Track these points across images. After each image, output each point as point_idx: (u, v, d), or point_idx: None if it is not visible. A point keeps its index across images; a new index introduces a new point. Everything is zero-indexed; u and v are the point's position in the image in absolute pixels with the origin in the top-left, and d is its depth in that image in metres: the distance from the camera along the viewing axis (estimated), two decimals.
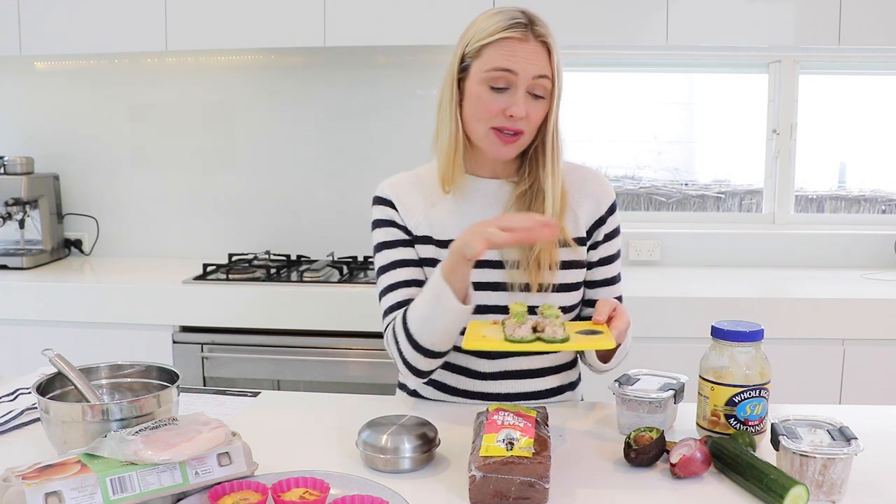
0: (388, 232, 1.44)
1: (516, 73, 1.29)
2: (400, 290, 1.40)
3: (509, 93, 1.31)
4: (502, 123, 1.32)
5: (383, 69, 2.88)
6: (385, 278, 1.42)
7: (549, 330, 1.13)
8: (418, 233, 1.42)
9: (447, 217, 1.41)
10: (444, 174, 1.39)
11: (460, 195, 1.41)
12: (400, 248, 1.43)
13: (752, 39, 2.54)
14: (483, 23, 1.33)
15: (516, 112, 1.30)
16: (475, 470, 1.02)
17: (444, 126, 1.38)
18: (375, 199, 1.47)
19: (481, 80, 1.32)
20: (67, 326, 2.48)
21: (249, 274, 2.59)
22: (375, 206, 1.47)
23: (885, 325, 2.29)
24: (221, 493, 0.99)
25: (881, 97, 2.93)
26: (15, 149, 3.01)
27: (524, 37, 1.29)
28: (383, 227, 1.45)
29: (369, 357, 2.39)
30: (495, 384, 1.42)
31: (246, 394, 1.48)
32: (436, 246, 1.41)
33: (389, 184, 1.47)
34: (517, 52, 1.29)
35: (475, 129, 1.35)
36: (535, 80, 1.30)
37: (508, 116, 1.31)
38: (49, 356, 1.16)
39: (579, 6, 2.45)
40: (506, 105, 1.31)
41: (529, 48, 1.30)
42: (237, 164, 2.98)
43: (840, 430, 1.09)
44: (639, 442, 1.15)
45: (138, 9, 2.61)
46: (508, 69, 1.29)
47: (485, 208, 1.40)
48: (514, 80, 1.30)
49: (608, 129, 2.98)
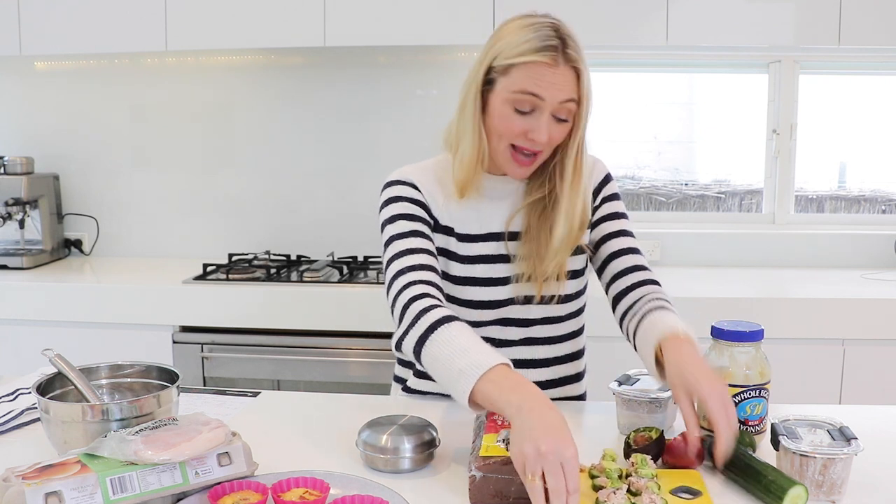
0: (409, 207, 1.38)
1: (543, 99, 1.27)
2: (419, 255, 1.32)
3: (534, 116, 1.28)
4: (522, 144, 1.30)
5: (383, 69, 2.88)
6: (399, 244, 1.33)
7: (647, 497, 0.99)
8: (442, 222, 1.40)
9: (465, 212, 1.40)
10: (462, 183, 1.37)
11: (476, 191, 1.39)
12: (417, 222, 1.37)
13: (752, 39, 2.54)
14: (514, 37, 1.28)
15: (538, 137, 1.28)
16: (475, 470, 1.02)
17: (465, 136, 1.35)
18: (393, 182, 1.41)
19: (506, 99, 1.29)
20: (67, 326, 2.48)
21: (249, 274, 2.59)
22: (393, 187, 1.40)
23: (885, 325, 2.29)
24: (221, 493, 0.99)
25: (881, 97, 2.93)
26: (15, 149, 3.01)
27: (554, 62, 1.25)
28: (403, 202, 1.38)
29: (369, 357, 2.39)
30: None
31: (246, 394, 1.48)
32: (457, 240, 1.40)
33: (410, 172, 1.42)
34: (545, 77, 1.25)
35: (494, 143, 1.33)
36: (561, 105, 1.28)
37: (529, 139, 1.29)
38: (49, 356, 1.16)
39: (579, 6, 2.46)
40: (529, 128, 1.29)
41: (559, 73, 1.26)
42: (237, 164, 2.98)
43: (840, 430, 1.08)
44: (639, 442, 1.15)
45: (138, 9, 2.61)
46: (535, 94, 1.27)
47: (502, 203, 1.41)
48: (539, 105, 1.27)
49: (608, 129, 2.98)
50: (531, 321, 1.42)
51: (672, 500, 1.00)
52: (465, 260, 1.39)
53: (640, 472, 1.04)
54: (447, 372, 1.14)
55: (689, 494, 1.02)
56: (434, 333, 1.19)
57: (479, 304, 1.39)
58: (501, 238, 1.40)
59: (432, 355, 1.18)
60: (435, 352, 1.18)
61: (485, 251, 1.40)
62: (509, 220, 1.41)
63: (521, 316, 1.42)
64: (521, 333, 1.43)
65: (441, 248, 1.40)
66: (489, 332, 1.42)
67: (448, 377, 1.14)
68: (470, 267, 1.39)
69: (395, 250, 1.33)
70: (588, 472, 1.07)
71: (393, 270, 1.31)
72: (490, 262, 1.39)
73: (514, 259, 1.39)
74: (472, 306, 1.39)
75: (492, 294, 1.39)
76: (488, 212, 1.41)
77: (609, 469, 1.05)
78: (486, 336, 1.41)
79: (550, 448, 0.97)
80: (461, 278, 1.39)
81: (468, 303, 1.39)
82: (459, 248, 1.40)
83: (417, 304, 1.24)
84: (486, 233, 1.41)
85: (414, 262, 1.30)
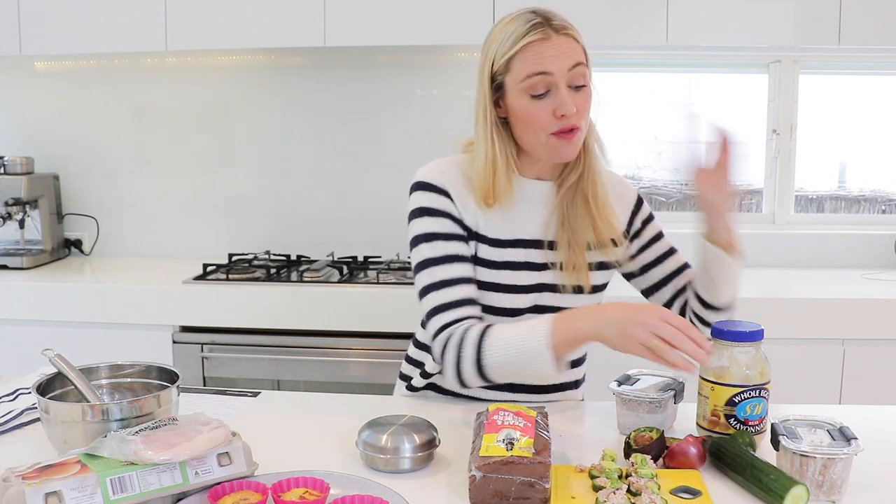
0: (442, 223, 1.35)
1: (552, 73, 1.27)
2: (458, 288, 1.32)
3: (552, 94, 1.28)
4: (558, 126, 1.29)
5: (383, 69, 2.88)
6: (437, 272, 1.32)
7: (647, 497, 0.98)
8: (475, 229, 1.37)
9: (497, 217, 1.38)
10: (484, 193, 1.35)
11: (509, 196, 1.37)
12: (455, 241, 1.35)
13: (752, 39, 2.54)
14: (501, 34, 1.30)
15: (566, 110, 1.27)
16: (475, 470, 1.02)
17: (480, 148, 1.35)
18: (424, 186, 1.36)
19: (520, 91, 1.29)
20: (67, 326, 2.48)
21: (249, 274, 2.59)
22: (425, 193, 1.36)
23: (885, 325, 2.29)
24: (221, 493, 0.99)
25: (881, 97, 2.93)
26: (15, 149, 3.01)
27: (546, 35, 1.26)
28: (435, 216, 1.35)
29: (369, 357, 2.39)
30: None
31: (246, 394, 1.48)
32: (488, 245, 1.37)
33: (439, 171, 1.37)
34: (545, 53, 1.26)
35: (533, 140, 1.32)
36: (573, 71, 1.28)
37: (560, 117, 1.28)
38: (49, 356, 1.16)
39: (579, 6, 2.45)
40: (553, 107, 1.28)
41: (555, 44, 1.27)
42: (237, 164, 2.98)
43: (840, 430, 1.09)
44: (639, 442, 1.15)
45: (138, 9, 2.61)
46: (543, 72, 1.27)
47: (532, 210, 1.39)
48: (552, 81, 1.27)
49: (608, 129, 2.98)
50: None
51: (672, 500, 1.00)
52: (491, 265, 1.37)
53: (640, 472, 1.04)
54: (522, 364, 1.22)
55: (689, 494, 1.02)
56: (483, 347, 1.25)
57: (499, 310, 1.37)
58: (531, 245, 1.39)
59: (495, 364, 1.25)
60: (496, 360, 1.24)
61: (512, 258, 1.38)
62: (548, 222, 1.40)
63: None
64: None
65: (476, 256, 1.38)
66: None
67: (526, 366, 1.22)
68: (495, 273, 1.37)
69: (429, 280, 1.33)
70: (588, 472, 1.07)
71: (430, 304, 1.32)
72: (515, 269, 1.37)
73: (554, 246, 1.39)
74: (492, 312, 1.37)
75: (513, 301, 1.37)
76: (520, 217, 1.38)
77: (609, 469, 1.04)
78: None
79: (645, 317, 1.12)
80: (485, 283, 1.37)
81: (488, 308, 1.37)
82: (488, 254, 1.37)
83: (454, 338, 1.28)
84: (515, 239, 1.38)
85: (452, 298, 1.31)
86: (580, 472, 1.08)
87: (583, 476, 1.07)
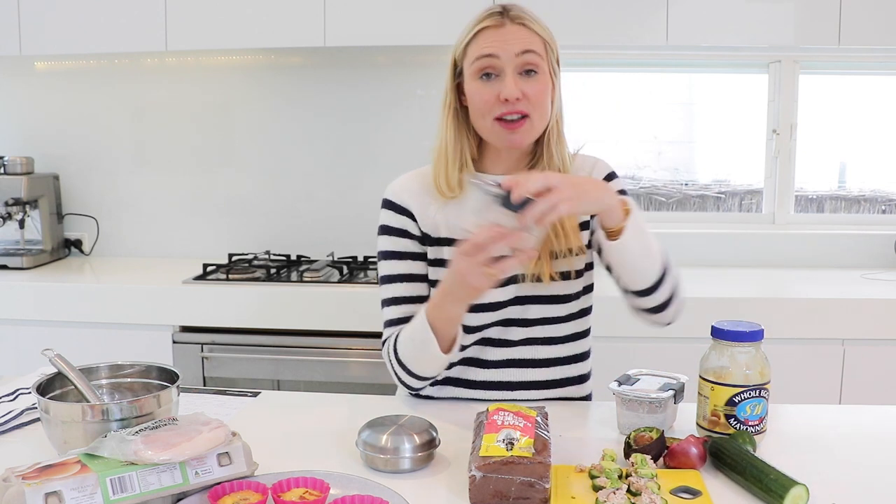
0: (397, 242, 1.43)
1: (498, 56, 1.32)
2: (401, 307, 1.41)
3: (499, 79, 1.33)
4: (501, 110, 1.32)
5: (383, 69, 2.88)
6: (388, 289, 1.43)
7: (647, 497, 0.98)
8: (438, 235, 1.41)
9: (460, 217, 1.40)
10: (436, 181, 1.40)
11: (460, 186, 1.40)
12: (407, 260, 1.42)
13: (752, 39, 2.54)
14: (466, 25, 1.38)
15: (508, 94, 1.30)
16: (475, 470, 1.02)
17: (439, 134, 1.41)
18: (388, 204, 1.45)
19: (471, 75, 1.35)
20: (67, 326, 2.48)
21: (249, 274, 2.59)
22: (387, 211, 1.44)
23: (885, 325, 2.29)
24: (221, 493, 0.99)
25: (881, 97, 2.93)
26: (15, 149, 3.01)
27: (499, 23, 1.33)
28: (392, 235, 1.43)
29: (369, 357, 2.39)
30: (500, 372, 1.43)
31: (246, 394, 1.48)
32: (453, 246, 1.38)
33: (402, 188, 1.44)
34: (494, 38, 1.32)
35: (481, 126, 1.36)
36: (521, 57, 1.32)
37: (503, 101, 1.31)
38: (49, 356, 1.16)
39: (579, 6, 2.45)
40: (497, 90, 1.32)
41: (506, 31, 1.32)
42: (237, 164, 2.98)
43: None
44: (639, 442, 1.15)
45: (138, 9, 2.61)
46: (489, 54, 1.32)
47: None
48: (499, 65, 1.32)
49: (608, 129, 2.99)
50: (531, 321, 1.42)
51: (672, 500, 1.00)
52: None
53: (640, 472, 1.04)
54: (421, 353, 1.31)
55: (689, 494, 1.02)
56: (398, 349, 1.36)
57: (480, 307, 1.38)
58: None
59: (408, 360, 1.34)
60: (406, 357, 1.34)
61: None
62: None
63: (522, 316, 1.41)
64: (522, 333, 1.42)
65: (436, 258, 1.41)
66: (490, 333, 1.42)
67: (423, 353, 1.30)
68: None
69: (383, 295, 1.44)
70: (588, 472, 1.07)
71: (383, 317, 1.43)
72: None
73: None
74: (474, 310, 1.38)
75: (493, 296, 1.38)
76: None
77: (609, 469, 1.04)
78: (487, 337, 1.42)
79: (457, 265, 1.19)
80: None
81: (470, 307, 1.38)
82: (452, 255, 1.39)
83: (388, 347, 1.40)
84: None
85: (395, 316, 1.41)
86: (580, 472, 1.08)
87: (583, 476, 1.07)
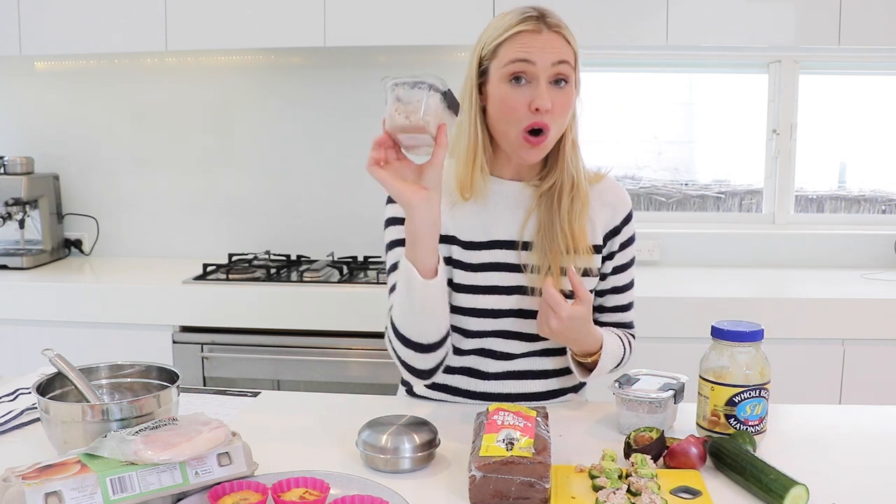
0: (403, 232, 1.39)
1: (534, 63, 1.28)
2: None
3: (531, 86, 1.29)
4: (530, 120, 1.29)
5: (383, 69, 2.88)
6: (395, 254, 1.38)
7: (647, 497, 0.98)
8: (443, 232, 1.37)
9: (470, 219, 1.39)
10: (462, 182, 1.37)
11: (483, 197, 1.38)
12: None
13: (752, 39, 2.54)
14: (496, 23, 1.33)
15: (541, 104, 1.27)
16: (475, 470, 1.02)
17: (462, 132, 1.36)
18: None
19: (501, 77, 1.30)
20: (67, 326, 2.48)
21: (249, 274, 2.59)
22: (394, 205, 1.41)
23: (885, 325, 2.29)
24: (221, 493, 0.99)
25: (881, 97, 2.93)
26: (15, 149, 3.01)
27: (537, 28, 1.29)
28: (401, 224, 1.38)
29: (369, 357, 2.39)
30: (499, 384, 1.42)
31: (246, 394, 1.48)
32: (461, 248, 1.39)
33: None
34: (532, 43, 1.28)
35: (506, 133, 1.33)
36: (556, 67, 1.29)
37: (534, 111, 1.28)
38: (49, 356, 1.16)
39: (580, 6, 2.45)
40: (530, 98, 1.28)
41: (544, 38, 1.28)
42: (237, 164, 2.98)
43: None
44: (639, 442, 1.15)
45: (138, 9, 2.61)
46: (525, 59, 1.28)
47: (507, 211, 1.39)
48: (533, 72, 1.28)
49: (608, 129, 2.99)
50: (534, 335, 1.40)
51: (672, 500, 1.00)
52: (468, 268, 1.38)
53: (640, 472, 1.04)
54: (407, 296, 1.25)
55: (689, 494, 1.02)
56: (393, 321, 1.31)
57: (481, 311, 1.38)
58: (507, 246, 1.39)
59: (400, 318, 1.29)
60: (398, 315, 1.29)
61: (490, 259, 1.38)
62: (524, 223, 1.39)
63: (524, 330, 1.40)
64: (524, 347, 1.41)
65: (444, 257, 1.38)
66: (490, 343, 1.41)
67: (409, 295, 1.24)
68: (473, 275, 1.38)
69: (391, 260, 1.39)
70: (588, 472, 1.07)
71: (389, 284, 1.39)
72: (494, 270, 1.38)
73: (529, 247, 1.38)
74: (475, 314, 1.38)
75: (495, 303, 1.37)
76: (494, 219, 1.39)
77: (609, 469, 1.04)
78: (487, 348, 1.41)
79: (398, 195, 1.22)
80: (464, 286, 1.38)
81: (471, 311, 1.38)
82: (464, 256, 1.38)
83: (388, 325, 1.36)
84: (491, 240, 1.39)
85: None
86: (580, 472, 1.08)
87: (583, 476, 1.07)
